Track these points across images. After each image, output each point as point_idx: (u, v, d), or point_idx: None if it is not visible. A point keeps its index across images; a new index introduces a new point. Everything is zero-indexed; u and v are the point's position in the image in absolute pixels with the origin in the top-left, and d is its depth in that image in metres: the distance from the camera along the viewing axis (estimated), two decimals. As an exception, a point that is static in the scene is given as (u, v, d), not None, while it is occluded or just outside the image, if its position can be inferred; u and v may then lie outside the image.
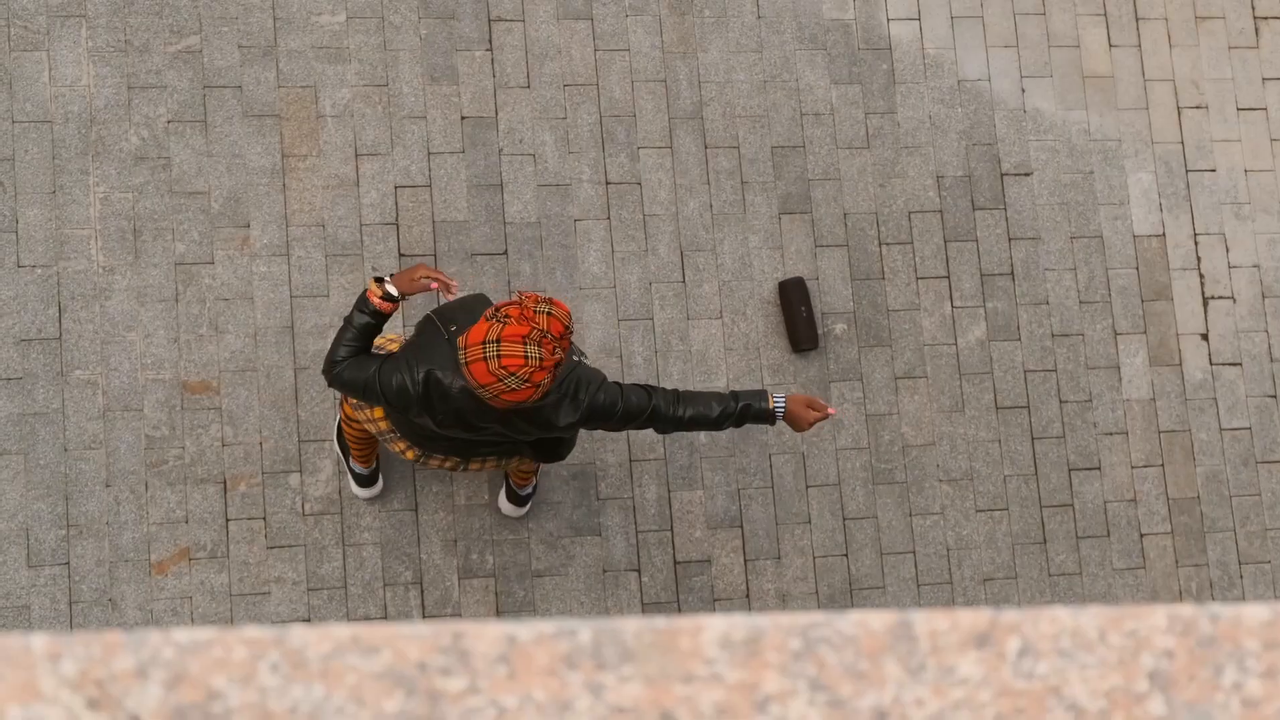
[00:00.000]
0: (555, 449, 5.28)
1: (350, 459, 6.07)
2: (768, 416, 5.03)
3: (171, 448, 6.15)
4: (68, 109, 6.31)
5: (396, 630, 1.38)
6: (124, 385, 6.16)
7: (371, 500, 6.21)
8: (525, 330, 4.49)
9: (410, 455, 5.32)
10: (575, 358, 4.94)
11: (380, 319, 4.92)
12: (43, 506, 6.04)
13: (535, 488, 6.21)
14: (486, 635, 1.39)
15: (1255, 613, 1.55)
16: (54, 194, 6.24)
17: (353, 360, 4.91)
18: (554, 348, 4.51)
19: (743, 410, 5.01)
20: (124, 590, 6.04)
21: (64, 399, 6.12)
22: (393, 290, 4.88)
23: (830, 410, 5.06)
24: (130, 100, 6.36)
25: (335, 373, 4.91)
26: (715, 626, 1.44)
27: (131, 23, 6.42)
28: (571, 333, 4.57)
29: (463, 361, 4.55)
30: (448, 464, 5.31)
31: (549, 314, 4.52)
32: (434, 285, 4.87)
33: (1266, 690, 1.52)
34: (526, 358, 4.48)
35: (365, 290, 4.95)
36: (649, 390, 4.96)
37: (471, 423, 4.88)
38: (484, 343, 4.51)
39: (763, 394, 5.04)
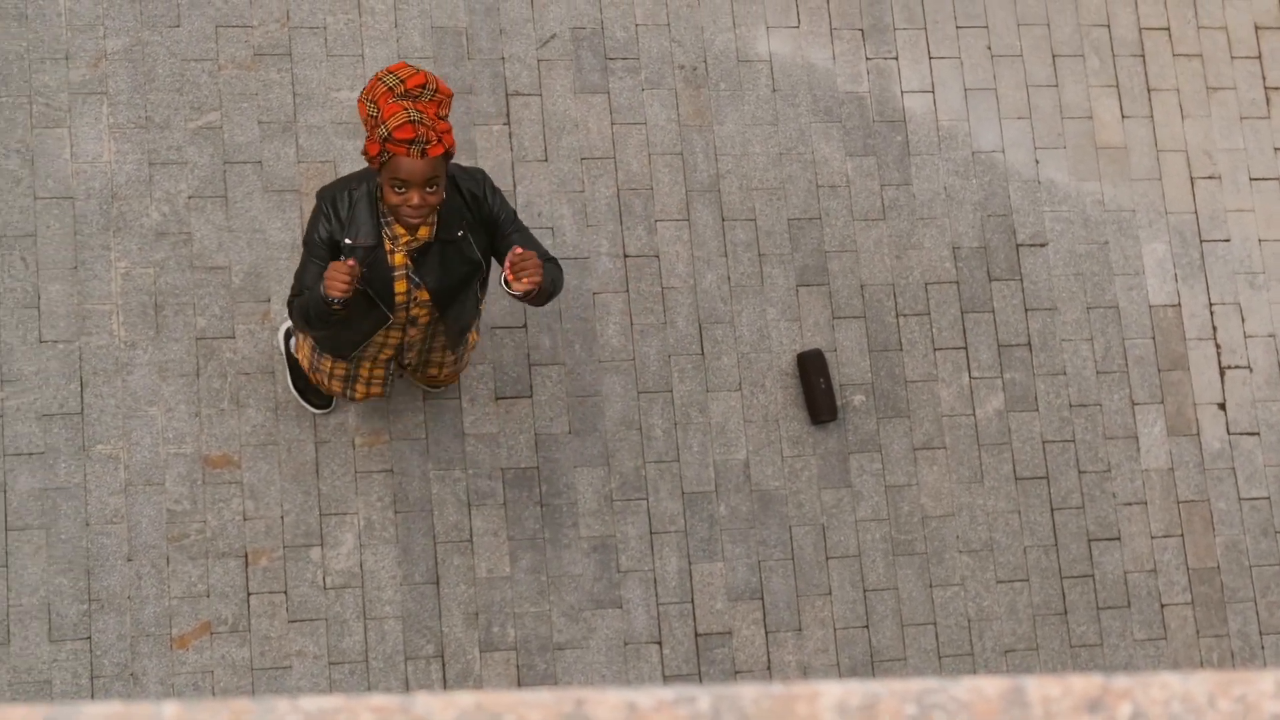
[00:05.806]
0: (458, 317, 5.30)
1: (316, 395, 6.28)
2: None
3: (193, 522, 6.14)
4: (89, 185, 6.33)
5: (520, 697, 1.38)
6: (145, 460, 6.16)
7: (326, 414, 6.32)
8: (373, 86, 4.79)
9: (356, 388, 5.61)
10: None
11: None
12: (64, 581, 6.03)
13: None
14: (608, 702, 1.39)
15: (1361, 677, 1.56)
16: (75, 269, 6.25)
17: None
18: (421, 94, 4.74)
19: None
20: (145, 665, 6.01)
21: (85, 474, 6.11)
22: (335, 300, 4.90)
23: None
24: (151, 176, 6.38)
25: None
26: (832, 692, 1.45)
27: (152, 99, 6.46)
28: (430, 98, 4.77)
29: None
30: (384, 354, 5.43)
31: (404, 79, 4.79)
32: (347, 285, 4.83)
33: (1374, 754, 1.52)
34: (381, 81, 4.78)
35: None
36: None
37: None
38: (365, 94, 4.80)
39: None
